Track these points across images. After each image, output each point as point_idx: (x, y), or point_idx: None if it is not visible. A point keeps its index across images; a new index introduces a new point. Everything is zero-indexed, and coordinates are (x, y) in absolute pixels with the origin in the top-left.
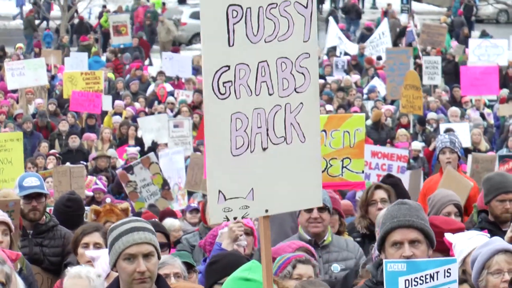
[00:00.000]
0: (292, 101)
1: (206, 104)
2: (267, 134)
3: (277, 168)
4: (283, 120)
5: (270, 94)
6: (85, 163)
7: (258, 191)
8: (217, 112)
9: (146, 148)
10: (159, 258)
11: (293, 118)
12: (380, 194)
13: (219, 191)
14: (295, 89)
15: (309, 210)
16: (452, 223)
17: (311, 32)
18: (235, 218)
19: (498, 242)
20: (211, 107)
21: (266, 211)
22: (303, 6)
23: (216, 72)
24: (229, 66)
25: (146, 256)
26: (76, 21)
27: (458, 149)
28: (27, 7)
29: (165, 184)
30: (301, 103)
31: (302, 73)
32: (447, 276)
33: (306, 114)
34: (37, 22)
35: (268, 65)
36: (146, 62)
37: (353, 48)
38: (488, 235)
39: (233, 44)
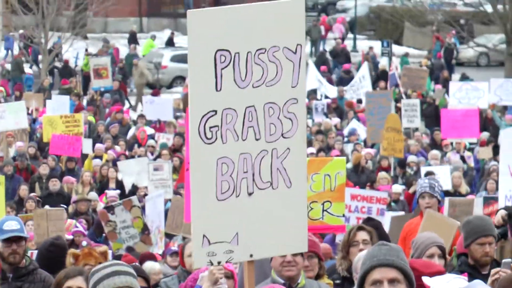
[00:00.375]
0: (279, 146)
1: (192, 148)
2: (253, 179)
3: (263, 213)
4: (270, 165)
5: (257, 139)
6: (65, 206)
7: (243, 236)
8: (203, 156)
9: (127, 192)
10: None
11: (280, 163)
12: (362, 235)
13: (204, 236)
14: (282, 135)
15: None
16: (432, 266)
17: (300, 77)
18: (219, 263)
19: (479, 286)
20: (197, 152)
21: (251, 255)
22: (292, 51)
23: (203, 116)
24: (216, 111)
25: None
26: (56, 63)
27: (438, 193)
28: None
29: (145, 229)
30: (288, 148)
31: (290, 119)
32: None
33: (293, 159)
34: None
35: (255, 110)
36: (128, 105)
37: (332, 91)
38: (467, 278)
39: (220, 89)
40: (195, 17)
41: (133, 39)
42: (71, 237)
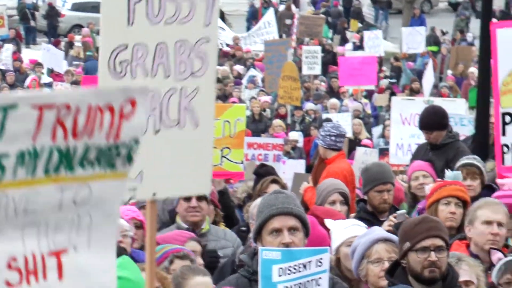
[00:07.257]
0: (188, 85)
1: (101, 82)
2: (160, 117)
3: (168, 152)
4: (178, 103)
5: (166, 77)
6: None
7: (147, 174)
8: None
9: None
10: None
11: (188, 102)
12: (274, 188)
13: None
14: (192, 73)
15: (188, 199)
16: (333, 214)
17: (213, 16)
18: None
19: (378, 231)
20: (106, 86)
21: (154, 194)
22: None
23: (114, 50)
24: (127, 45)
25: None
26: None
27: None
28: None
29: None
30: (197, 88)
31: (201, 58)
32: (319, 266)
33: (201, 100)
34: None
35: (166, 47)
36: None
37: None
38: (365, 225)
39: (132, 23)
40: None
41: None
42: None
